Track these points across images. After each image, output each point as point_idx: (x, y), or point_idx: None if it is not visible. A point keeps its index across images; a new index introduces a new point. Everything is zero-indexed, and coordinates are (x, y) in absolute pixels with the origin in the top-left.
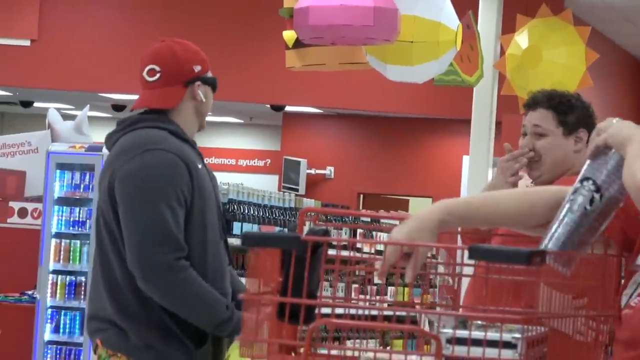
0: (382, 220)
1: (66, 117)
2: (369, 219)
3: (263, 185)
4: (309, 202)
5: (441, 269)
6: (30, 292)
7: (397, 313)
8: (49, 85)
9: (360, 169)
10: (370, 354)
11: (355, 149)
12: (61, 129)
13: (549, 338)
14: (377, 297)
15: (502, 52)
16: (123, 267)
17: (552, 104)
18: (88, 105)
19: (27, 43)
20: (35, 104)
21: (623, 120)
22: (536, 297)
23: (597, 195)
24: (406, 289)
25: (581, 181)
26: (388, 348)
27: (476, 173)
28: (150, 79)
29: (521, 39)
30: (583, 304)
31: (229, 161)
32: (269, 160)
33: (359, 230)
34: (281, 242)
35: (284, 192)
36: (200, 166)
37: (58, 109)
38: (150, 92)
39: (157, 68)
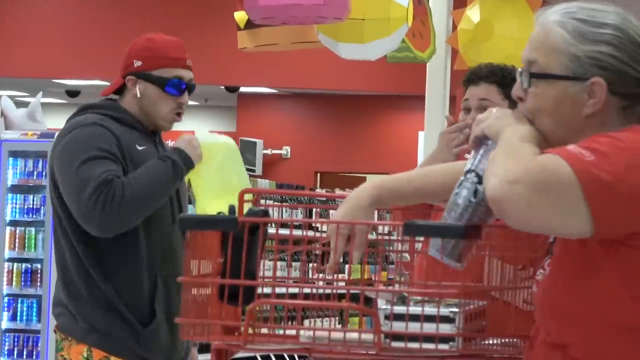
0: (337, 200)
1: (20, 104)
2: (324, 199)
3: None
4: (264, 183)
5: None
6: None
7: (352, 291)
8: (1, 73)
9: (316, 148)
10: (310, 332)
11: (311, 128)
12: (14, 117)
13: (488, 310)
14: (336, 276)
15: (454, 27)
16: (72, 250)
17: (495, 78)
18: (41, 92)
19: None
20: None
21: (504, 110)
22: (478, 271)
23: (480, 187)
24: (366, 267)
25: (465, 173)
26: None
27: (431, 148)
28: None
29: (473, 13)
30: (528, 275)
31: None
32: None
33: (314, 210)
34: (218, 224)
35: None
36: (141, 148)
37: (12, 97)
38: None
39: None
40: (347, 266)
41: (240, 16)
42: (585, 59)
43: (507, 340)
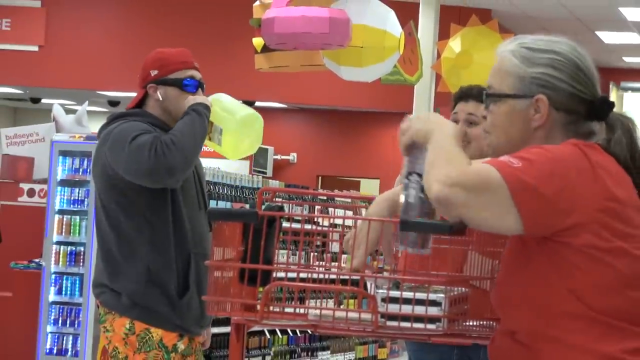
0: (336, 198)
1: (69, 111)
2: (325, 197)
3: (236, 169)
4: (274, 183)
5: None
6: (37, 260)
7: (352, 277)
8: (54, 84)
9: (319, 155)
10: (317, 311)
11: (314, 138)
12: (64, 122)
13: (470, 296)
14: (335, 264)
15: (439, 56)
16: (118, 238)
17: (480, 97)
18: (87, 101)
19: (36, 48)
20: (43, 101)
21: (422, 115)
22: (461, 262)
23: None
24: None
25: (407, 177)
26: (342, 306)
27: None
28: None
29: (455, 44)
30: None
31: (207, 149)
32: None
33: (316, 207)
34: (241, 217)
35: (254, 174)
36: None
37: (62, 105)
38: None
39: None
40: (344, 256)
41: (257, 41)
42: (530, 79)
43: (484, 322)
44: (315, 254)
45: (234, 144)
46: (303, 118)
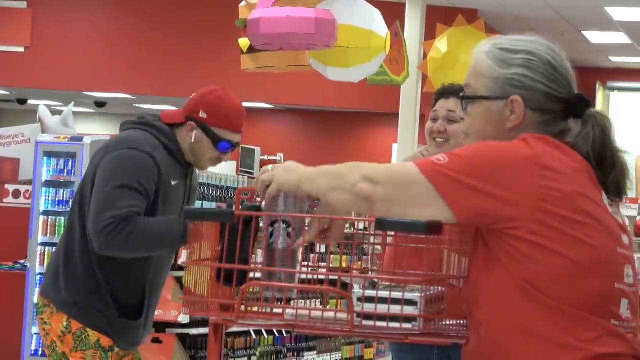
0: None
1: (55, 112)
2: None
3: (224, 169)
4: None
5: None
6: (22, 261)
7: (331, 277)
8: (40, 86)
9: (306, 155)
10: (293, 311)
11: (301, 138)
12: (50, 123)
13: (447, 296)
14: (322, 264)
15: (425, 56)
16: (83, 239)
17: (458, 94)
18: (73, 102)
19: (22, 50)
20: (29, 102)
21: (278, 165)
22: (438, 261)
23: (290, 230)
24: (344, 257)
25: (272, 224)
26: (328, 307)
27: (403, 159)
28: None
29: (441, 44)
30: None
31: None
32: None
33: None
34: (217, 217)
35: (242, 175)
36: (174, 183)
37: (48, 106)
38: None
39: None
40: (329, 256)
41: (243, 42)
42: (504, 80)
43: (462, 322)
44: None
45: None
46: (290, 118)
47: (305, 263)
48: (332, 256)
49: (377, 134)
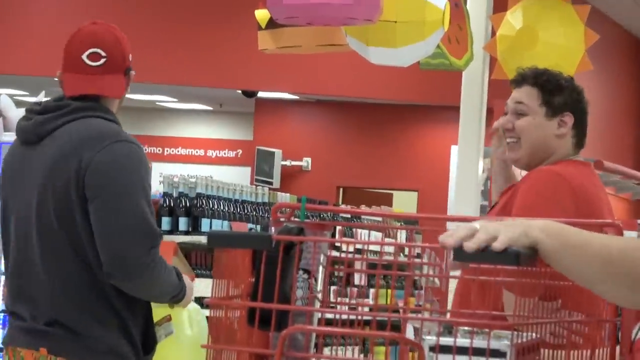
0: (363, 217)
1: (21, 104)
2: (348, 215)
3: (234, 178)
4: (284, 197)
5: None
6: None
7: (378, 318)
8: (2, 71)
9: (340, 161)
10: None
11: (334, 138)
12: (14, 117)
13: (540, 345)
14: (357, 300)
15: (493, 33)
16: (77, 259)
17: (538, 81)
18: (44, 91)
19: None
20: None
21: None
22: (518, 301)
23: (310, 280)
24: (389, 291)
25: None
26: (369, 355)
27: (466, 164)
28: (93, 64)
29: (514, 18)
30: (557, 306)
31: (197, 152)
32: (241, 151)
33: (337, 228)
34: (250, 242)
35: (257, 185)
36: None
37: (12, 96)
38: (93, 77)
39: (102, 53)
40: (371, 290)
41: (261, 15)
42: None
43: None
44: (335, 287)
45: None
46: (319, 113)
47: (343, 299)
48: (372, 290)
49: (430, 133)
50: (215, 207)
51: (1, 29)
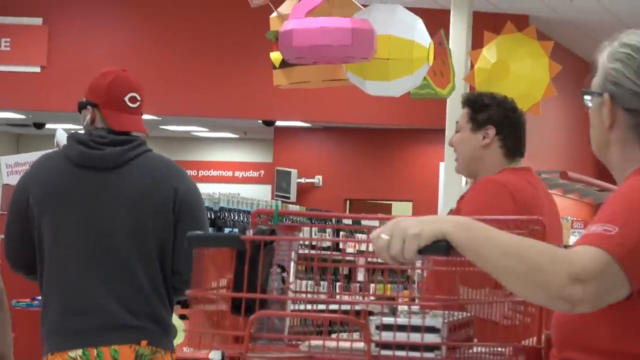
0: (363, 222)
1: None
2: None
3: (258, 194)
4: (295, 209)
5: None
6: (39, 298)
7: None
8: (58, 108)
9: (346, 177)
10: (309, 342)
11: (341, 158)
12: None
13: (477, 322)
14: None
15: (472, 66)
16: (162, 265)
17: (468, 102)
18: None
19: (38, 69)
20: (47, 125)
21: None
22: (456, 285)
23: (285, 274)
24: (388, 286)
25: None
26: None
27: (451, 178)
28: (133, 105)
29: (490, 53)
30: (507, 292)
31: (226, 173)
32: (263, 172)
33: (341, 232)
34: (222, 242)
35: (276, 200)
36: None
37: (68, 129)
38: (134, 117)
39: (138, 97)
40: (372, 285)
41: (275, 56)
42: (605, 74)
43: (496, 349)
44: (339, 283)
45: None
46: (328, 137)
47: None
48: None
49: (422, 151)
50: (237, 218)
51: (57, 72)
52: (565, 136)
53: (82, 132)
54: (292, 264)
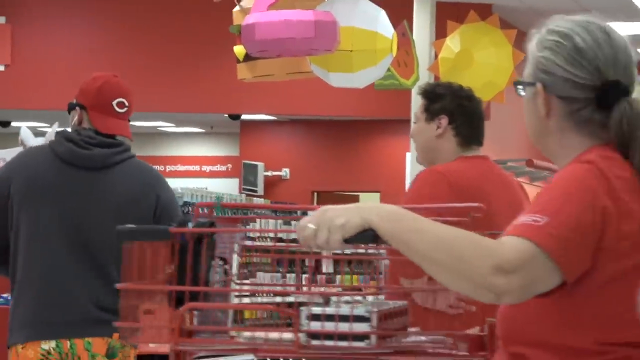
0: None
1: (40, 134)
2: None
3: (226, 188)
4: (259, 202)
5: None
6: (5, 295)
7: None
8: (23, 106)
9: (313, 169)
10: (243, 333)
11: (308, 151)
12: (33, 145)
13: (414, 310)
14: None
15: (436, 56)
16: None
17: (424, 93)
18: (57, 122)
19: (2, 68)
20: (13, 124)
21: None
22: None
23: (227, 267)
24: (354, 277)
25: (210, 260)
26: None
27: (417, 168)
28: (120, 110)
29: (453, 43)
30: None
31: (193, 167)
32: (230, 165)
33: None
34: (151, 235)
35: (243, 193)
36: None
37: (34, 127)
38: (121, 122)
39: (126, 102)
40: (337, 276)
41: (239, 50)
42: (536, 63)
43: (435, 337)
44: (306, 275)
45: None
46: (294, 130)
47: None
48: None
49: (388, 142)
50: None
51: (22, 71)
52: None
53: (70, 130)
54: (234, 255)
